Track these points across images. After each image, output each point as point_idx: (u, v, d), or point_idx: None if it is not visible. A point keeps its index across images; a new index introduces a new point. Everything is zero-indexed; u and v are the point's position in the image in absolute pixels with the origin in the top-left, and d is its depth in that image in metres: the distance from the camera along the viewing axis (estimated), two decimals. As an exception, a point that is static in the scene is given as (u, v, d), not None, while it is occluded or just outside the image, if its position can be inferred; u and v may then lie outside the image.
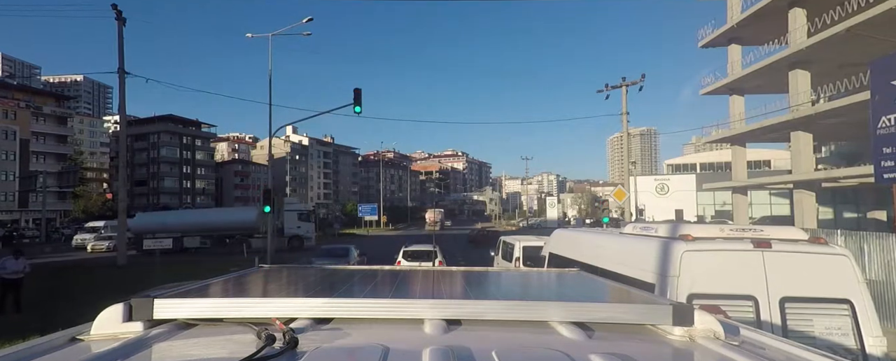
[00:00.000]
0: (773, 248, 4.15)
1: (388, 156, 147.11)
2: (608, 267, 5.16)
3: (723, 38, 29.16)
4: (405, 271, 2.77)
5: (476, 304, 1.60)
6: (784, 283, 4.05)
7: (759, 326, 3.84)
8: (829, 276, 4.07)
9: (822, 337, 3.94)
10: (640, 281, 4.34)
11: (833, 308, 3.97)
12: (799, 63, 23.59)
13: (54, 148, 73.07)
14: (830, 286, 4.04)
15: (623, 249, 5.38)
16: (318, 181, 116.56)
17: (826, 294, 4.02)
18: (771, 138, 31.53)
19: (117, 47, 21.20)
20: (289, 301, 1.59)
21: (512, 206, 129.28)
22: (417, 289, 2.06)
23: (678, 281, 4.09)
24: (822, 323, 3.98)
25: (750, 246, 4.17)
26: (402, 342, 1.30)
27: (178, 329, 1.48)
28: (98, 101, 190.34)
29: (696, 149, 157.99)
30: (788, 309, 3.99)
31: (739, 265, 4.11)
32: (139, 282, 14.83)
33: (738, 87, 28.87)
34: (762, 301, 4.02)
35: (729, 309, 3.83)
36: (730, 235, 4.38)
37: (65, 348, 1.34)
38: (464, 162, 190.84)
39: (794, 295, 4.01)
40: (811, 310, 4.00)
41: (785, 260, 4.11)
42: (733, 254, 4.16)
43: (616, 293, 2.21)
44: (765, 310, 3.97)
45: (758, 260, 4.10)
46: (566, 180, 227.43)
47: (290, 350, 1.19)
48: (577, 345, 1.32)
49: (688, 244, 4.23)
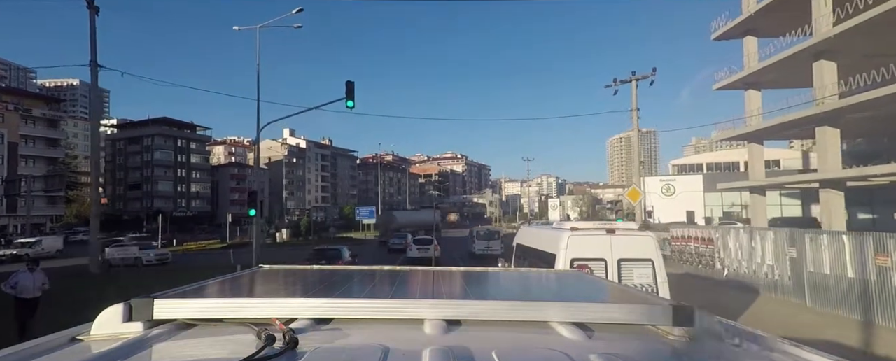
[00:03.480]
0: (616, 234, 7.52)
1: (387, 158, 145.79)
2: (540, 247, 8.68)
3: (738, 30, 27.60)
4: (405, 271, 2.76)
5: (476, 304, 1.59)
6: (620, 252, 7.38)
7: (606, 274, 7.13)
8: (642, 248, 7.45)
9: (639, 279, 7.26)
10: (552, 253, 7.69)
11: (643, 264, 7.36)
12: (824, 53, 22.02)
13: (44, 151, 71.22)
14: (642, 252, 7.41)
15: (547, 236, 8.62)
16: (316, 184, 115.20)
17: (640, 256, 7.39)
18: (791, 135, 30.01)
19: (89, 38, 19.59)
20: (289, 301, 1.59)
21: (512, 208, 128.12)
22: (417, 289, 2.07)
23: (566, 251, 7.38)
24: (638, 272, 7.30)
25: (604, 233, 7.55)
26: (402, 342, 1.29)
27: (178, 329, 1.47)
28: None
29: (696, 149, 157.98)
30: (622, 265, 7.33)
31: (598, 243, 7.44)
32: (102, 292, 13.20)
33: (754, 81, 27.27)
34: (609, 261, 7.31)
35: (592, 266, 7.04)
36: (595, 227, 7.91)
37: (65, 348, 1.34)
38: (463, 164, 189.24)
39: (625, 257, 7.35)
40: (633, 265, 7.35)
41: (621, 239, 7.46)
42: (595, 237, 7.55)
43: (616, 293, 2.27)
44: (611, 267, 7.28)
45: (608, 240, 7.45)
46: (565, 182, 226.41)
47: (290, 350, 1.19)
48: (577, 345, 1.32)
49: (572, 232, 7.64)
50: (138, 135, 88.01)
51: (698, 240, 18.03)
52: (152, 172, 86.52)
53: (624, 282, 7.02)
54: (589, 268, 6.93)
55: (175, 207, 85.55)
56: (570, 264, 7.19)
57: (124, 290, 13.64)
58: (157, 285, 2.86)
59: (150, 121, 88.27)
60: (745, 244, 14.97)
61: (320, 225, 56.68)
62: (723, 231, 16.67)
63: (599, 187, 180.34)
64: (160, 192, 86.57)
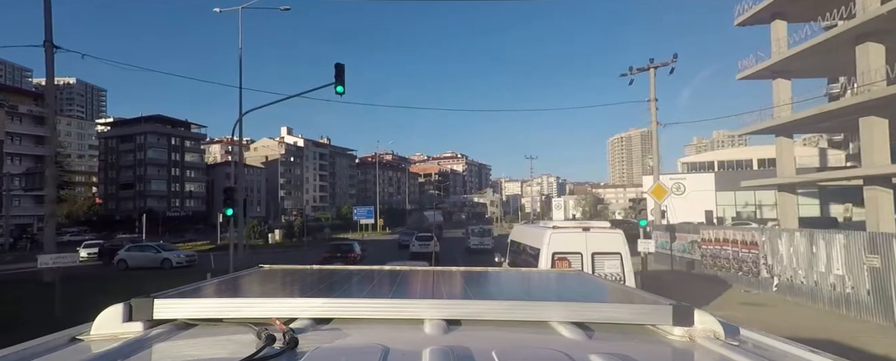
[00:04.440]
0: (590, 231, 9.53)
1: (387, 157, 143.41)
2: (528, 243, 10.88)
3: (766, 13, 25.26)
4: (405, 271, 2.74)
5: (476, 304, 1.58)
6: (594, 246, 9.33)
7: (582, 265, 9.00)
8: (612, 243, 9.40)
9: (609, 269, 9.13)
10: (538, 247, 9.66)
11: (613, 256, 9.28)
12: (870, 35, 19.71)
13: (31, 149, 69.01)
14: (613, 247, 9.35)
15: (534, 233, 10.70)
16: (314, 183, 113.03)
17: (610, 250, 9.32)
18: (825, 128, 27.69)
19: (43, 16, 17.27)
20: (289, 301, 1.58)
21: (512, 208, 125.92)
22: (417, 289, 2.06)
23: (549, 246, 9.31)
24: (608, 263, 9.20)
25: (580, 231, 9.55)
26: (402, 342, 1.29)
27: (178, 329, 1.47)
28: (91, 104, 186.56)
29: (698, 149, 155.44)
30: (596, 257, 9.25)
31: (575, 239, 9.39)
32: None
33: (783, 69, 24.93)
34: (585, 254, 9.25)
35: (571, 258, 9.09)
36: (573, 226, 10.00)
37: (65, 348, 1.34)
38: (463, 164, 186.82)
39: (598, 250, 9.30)
40: (605, 257, 9.27)
41: (595, 235, 9.46)
42: (573, 234, 9.51)
43: (616, 293, 2.25)
44: (586, 259, 9.20)
45: (584, 236, 9.41)
46: (566, 182, 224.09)
47: (290, 350, 1.19)
48: (577, 345, 1.32)
49: (554, 230, 9.64)
50: (131, 132, 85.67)
51: (738, 244, 15.70)
52: (145, 171, 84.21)
53: (597, 272, 8.86)
54: (568, 260, 9.16)
55: (169, 207, 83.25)
56: (551, 256, 9.22)
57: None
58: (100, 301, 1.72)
59: (143, 118, 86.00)
60: (803, 249, 12.66)
61: (312, 226, 53.46)
62: (771, 233, 14.34)
63: (600, 187, 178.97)
64: (153, 192, 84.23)
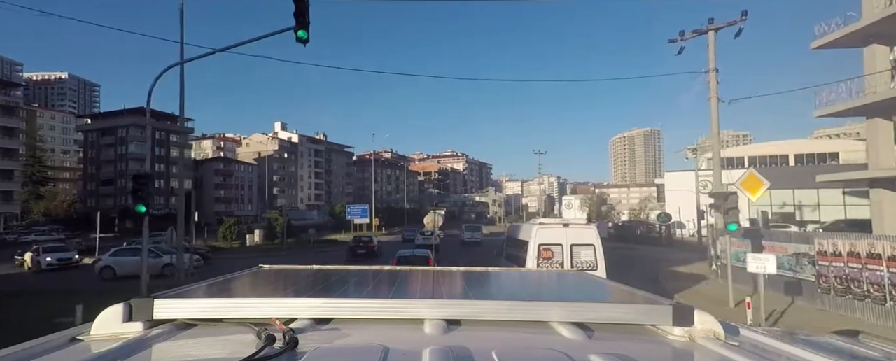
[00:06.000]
0: (569, 227, 12.55)
1: (385, 155, 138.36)
2: (520, 237, 13.62)
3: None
4: (405, 271, 2.74)
5: (476, 304, 1.58)
6: (572, 238, 11.95)
7: (562, 256, 11.83)
8: (587, 236, 12.15)
9: (585, 258, 11.73)
10: (527, 240, 12.26)
11: (588, 248, 11.90)
12: None
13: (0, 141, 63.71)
14: (587, 239, 12.05)
15: (524, 229, 13.59)
16: (310, 181, 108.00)
17: (586, 242, 11.97)
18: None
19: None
20: (289, 301, 1.57)
21: (513, 208, 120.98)
22: (417, 289, 2.06)
23: (536, 239, 11.89)
24: (585, 254, 11.78)
25: (562, 226, 12.56)
26: (402, 342, 1.29)
27: (178, 329, 1.46)
28: (84, 100, 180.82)
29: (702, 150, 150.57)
30: (574, 249, 11.86)
31: (557, 233, 12.12)
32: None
33: (882, 33, 19.74)
34: (564, 246, 11.88)
35: (553, 249, 11.81)
36: (555, 222, 13.59)
37: (65, 348, 1.33)
38: (464, 162, 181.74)
39: (575, 242, 11.90)
40: (581, 248, 11.88)
41: (573, 230, 12.31)
42: (555, 229, 12.35)
43: (616, 293, 2.24)
44: (566, 250, 11.83)
45: (564, 231, 12.22)
46: (567, 181, 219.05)
47: (290, 350, 1.19)
48: (577, 345, 1.33)
49: (540, 225, 12.56)
50: (112, 125, 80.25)
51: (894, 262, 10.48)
52: (127, 166, 78.76)
53: (574, 259, 11.67)
54: (551, 250, 11.87)
55: (152, 204, 78.00)
56: (537, 247, 11.81)
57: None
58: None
59: (126, 111, 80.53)
60: None
61: (298, 228, 46.94)
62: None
63: (603, 187, 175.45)
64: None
